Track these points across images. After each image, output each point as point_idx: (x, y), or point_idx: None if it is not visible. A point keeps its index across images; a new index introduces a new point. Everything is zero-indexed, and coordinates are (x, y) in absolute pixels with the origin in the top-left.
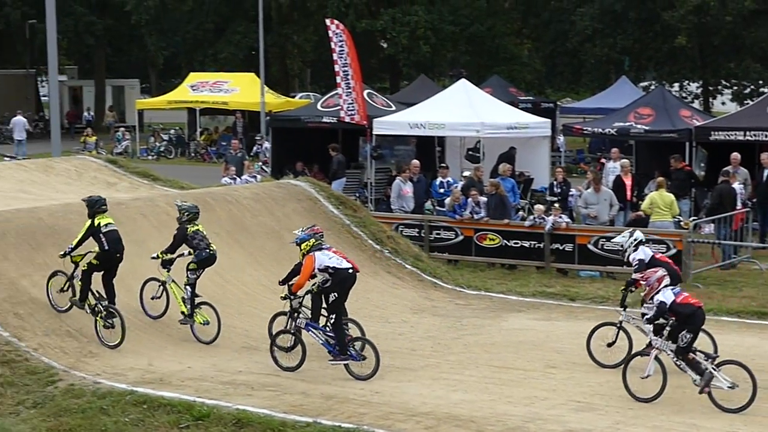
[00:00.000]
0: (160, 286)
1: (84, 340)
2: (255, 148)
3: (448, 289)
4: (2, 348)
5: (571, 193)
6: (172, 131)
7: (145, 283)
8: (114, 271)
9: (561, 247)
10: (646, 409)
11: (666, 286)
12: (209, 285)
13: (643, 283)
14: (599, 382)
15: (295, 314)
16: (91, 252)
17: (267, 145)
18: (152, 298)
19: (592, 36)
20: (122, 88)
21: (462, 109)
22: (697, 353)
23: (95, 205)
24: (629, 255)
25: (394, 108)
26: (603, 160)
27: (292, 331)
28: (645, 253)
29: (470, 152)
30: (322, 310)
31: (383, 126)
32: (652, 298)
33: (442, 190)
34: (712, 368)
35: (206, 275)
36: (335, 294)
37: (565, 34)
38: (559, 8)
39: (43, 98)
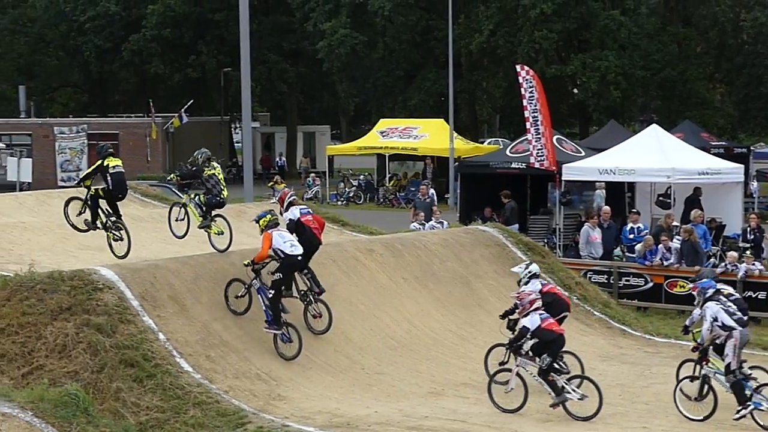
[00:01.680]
0: (181, 208)
1: (273, 384)
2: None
3: (636, 336)
4: (194, 390)
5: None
6: (362, 177)
7: (171, 206)
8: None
9: (754, 295)
10: None
11: (536, 309)
12: (397, 330)
13: (518, 302)
14: None
15: (255, 276)
16: (99, 186)
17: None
18: (176, 220)
19: None
20: (313, 134)
21: (653, 155)
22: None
23: (102, 150)
24: (521, 285)
25: (583, 153)
26: None
27: (246, 286)
28: (534, 286)
29: (661, 198)
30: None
31: (572, 172)
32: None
33: (632, 236)
34: (564, 382)
35: (394, 321)
36: (280, 275)
37: (759, 79)
38: (752, 52)
39: (236, 144)
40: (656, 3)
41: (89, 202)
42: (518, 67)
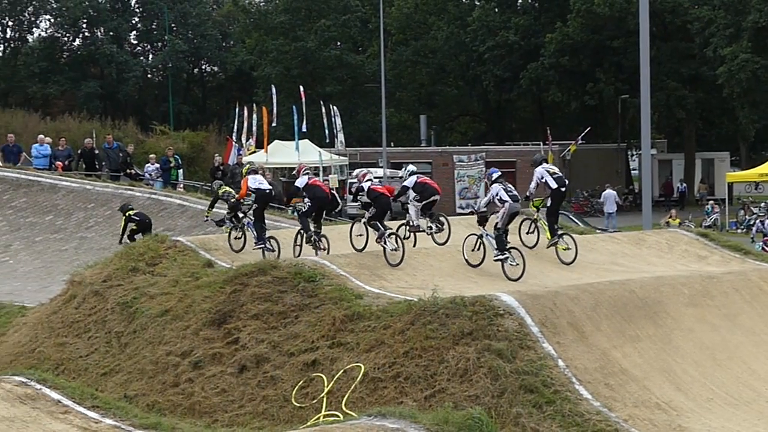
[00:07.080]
0: (239, 228)
1: (673, 414)
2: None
3: None
4: (593, 418)
5: None
6: (763, 204)
7: (221, 225)
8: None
9: None
10: None
11: (369, 180)
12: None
13: (355, 178)
14: None
15: (242, 215)
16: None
17: None
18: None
19: None
20: (712, 160)
21: None
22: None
23: (124, 208)
24: (403, 182)
25: None
26: None
27: (239, 226)
28: (411, 180)
29: None
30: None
31: None
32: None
33: None
34: (387, 237)
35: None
36: (256, 205)
37: None
38: None
39: (632, 171)
40: None
41: (128, 237)
42: None
